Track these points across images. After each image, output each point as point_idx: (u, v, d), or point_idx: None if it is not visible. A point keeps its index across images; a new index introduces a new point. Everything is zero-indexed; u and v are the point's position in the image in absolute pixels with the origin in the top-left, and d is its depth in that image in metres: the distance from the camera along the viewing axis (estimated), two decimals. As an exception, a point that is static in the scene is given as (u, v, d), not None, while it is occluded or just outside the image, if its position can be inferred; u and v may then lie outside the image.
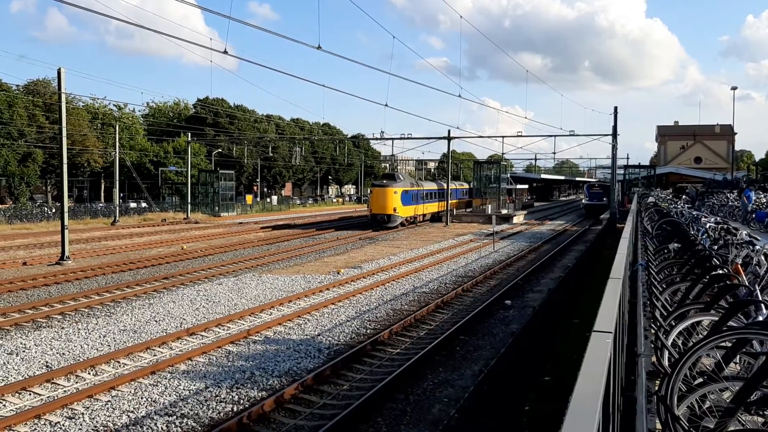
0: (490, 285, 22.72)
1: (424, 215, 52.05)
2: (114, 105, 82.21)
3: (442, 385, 12.06)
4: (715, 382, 4.14)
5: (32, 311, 17.47)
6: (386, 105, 44.08)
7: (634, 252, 12.08)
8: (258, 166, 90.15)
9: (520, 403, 11.03)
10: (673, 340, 5.55)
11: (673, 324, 5.74)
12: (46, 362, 12.96)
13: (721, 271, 7.06)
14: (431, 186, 56.51)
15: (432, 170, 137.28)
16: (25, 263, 26.67)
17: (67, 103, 32.36)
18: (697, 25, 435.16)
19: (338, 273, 24.38)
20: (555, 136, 52.60)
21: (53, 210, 52.43)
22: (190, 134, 63.75)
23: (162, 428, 9.78)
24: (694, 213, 20.52)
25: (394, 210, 44.79)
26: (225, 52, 18.09)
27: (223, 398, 11.12)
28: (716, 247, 10.44)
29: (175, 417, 10.22)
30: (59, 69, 27.11)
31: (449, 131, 53.49)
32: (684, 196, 42.44)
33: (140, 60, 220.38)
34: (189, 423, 10.02)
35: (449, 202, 53.82)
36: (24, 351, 13.64)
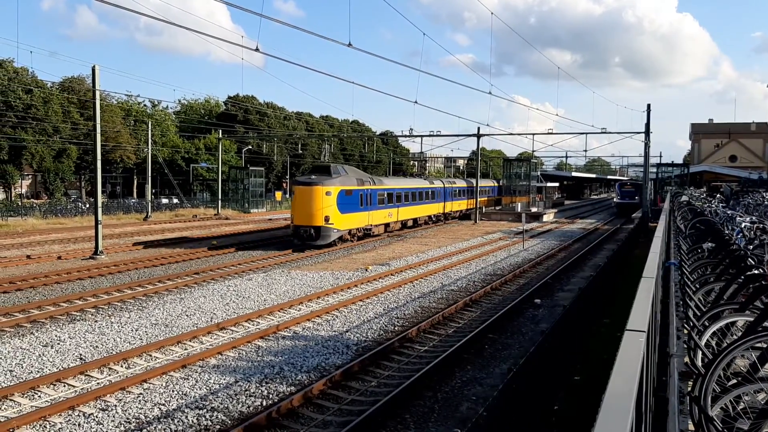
0: (519, 284, 22.58)
1: (405, 221, 41.20)
2: (149, 102, 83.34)
3: (470, 383, 12.02)
4: (750, 383, 4.08)
5: (66, 304, 17.80)
6: (416, 102, 43.99)
7: (666, 251, 11.92)
8: (287, 163, 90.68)
9: (549, 402, 10.96)
10: (707, 340, 5.47)
11: (707, 324, 5.65)
12: (80, 355, 13.20)
13: (756, 272, 6.92)
14: (439, 184, 47.99)
15: (461, 167, 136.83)
16: (59, 257, 27.17)
17: (101, 100, 32.87)
18: (729, 21, 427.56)
19: (366, 270, 24.43)
20: (586, 133, 51.84)
21: (87, 205, 53.36)
22: (221, 131, 64.37)
23: (192, 421, 9.90)
24: (728, 212, 20.13)
25: (326, 220, 30.41)
26: (257, 49, 18.22)
27: (253, 392, 11.22)
28: (751, 246, 10.24)
29: (205, 410, 10.34)
30: (93, 66, 27.53)
31: (479, 128, 53.05)
32: (718, 195, 41.67)
33: (169, 57, 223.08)
34: (219, 417, 10.13)
35: (477, 199, 53.48)
36: (59, 343, 13.91)
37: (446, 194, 48.89)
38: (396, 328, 15.86)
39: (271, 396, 11.10)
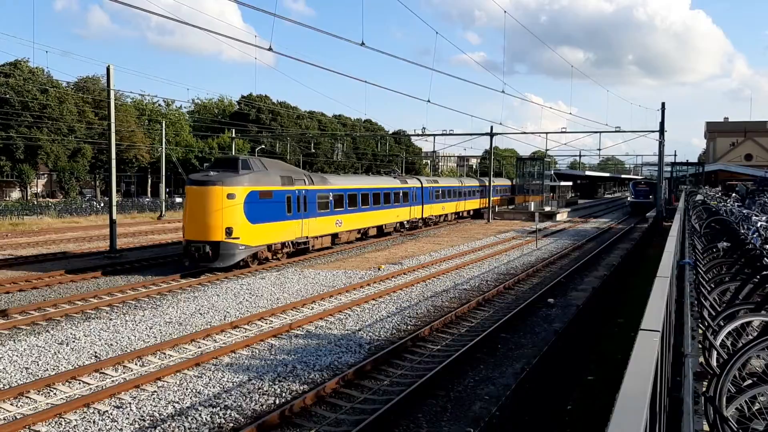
0: (532, 283, 22.51)
1: (364, 230, 33.67)
2: (163, 101, 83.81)
3: (483, 382, 12.00)
4: (766, 383, 4.05)
5: (81, 303, 17.94)
6: (428, 101, 43.82)
7: (681, 251, 11.84)
8: (300, 162, 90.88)
9: (562, 402, 10.92)
10: (722, 340, 5.44)
11: (722, 324, 5.62)
12: (95, 352, 13.30)
13: (772, 271, 6.87)
14: (414, 183, 40.98)
15: (474, 166, 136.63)
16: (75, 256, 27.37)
17: (115, 100, 33.11)
18: (742, 18, 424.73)
19: (379, 269, 24.44)
20: (600, 132, 51.65)
21: (102, 204, 53.74)
22: (234, 130, 64.59)
23: (206, 419, 9.95)
24: (744, 211, 19.98)
25: (228, 233, 22.55)
26: (270, 49, 18.26)
27: (266, 391, 11.26)
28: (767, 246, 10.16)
29: (219, 408, 10.39)
30: (108, 66, 27.71)
31: (491, 127, 52.85)
32: (734, 194, 41.34)
33: (181, 56, 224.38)
34: (232, 414, 10.17)
35: (490, 199, 53.33)
36: (74, 341, 14.02)
37: (425, 195, 42.29)
38: (409, 327, 15.86)
39: (284, 394, 11.14)
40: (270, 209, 24.29)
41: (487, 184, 54.92)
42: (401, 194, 38.31)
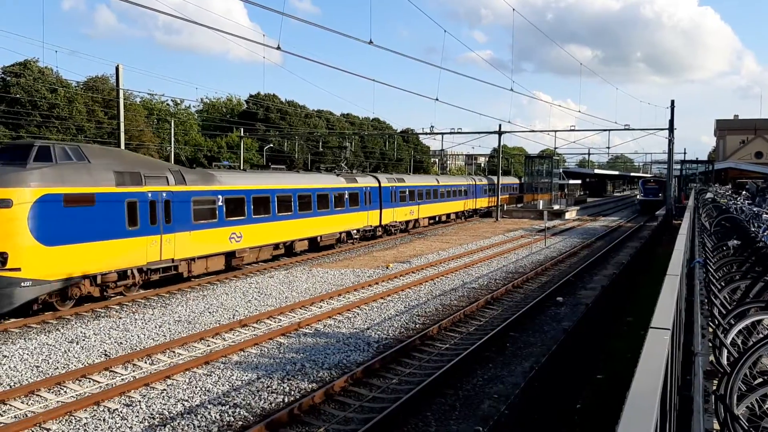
0: (541, 281, 22.46)
1: (290, 244, 26.51)
2: (171, 101, 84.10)
3: (491, 381, 11.99)
4: (777, 382, 4.02)
5: (91, 301, 18.02)
6: (437, 99, 43.74)
7: (691, 249, 11.78)
8: (308, 160, 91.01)
9: (572, 400, 10.89)
10: (733, 338, 5.42)
11: (733, 322, 5.60)
12: (105, 351, 13.37)
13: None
14: (367, 182, 33.89)
15: (482, 165, 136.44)
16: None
17: (124, 99, 33.25)
18: (751, 15, 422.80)
19: (387, 267, 24.44)
20: (609, 130, 51.35)
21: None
22: (242, 129, 64.72)
23: (215, 417, 9.98)
24: (754, 209, 19.87)
25: (1, 260, 15.09)
26: (278, 48, 18.29)
27: (275, 389, 11.28)
28: (778, 244, 10.09)
29: (228, 406, 10.42)
30: (117, 66, 27.85)
31: (500, 126, 52.73)
32: (744, 192, 41.12)
33: (188, 55, 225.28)
34: (241, 413, 10.20)
35: (499, 197, 53.21)
36: (84, 339, 14.09)
37: (385, 197, 35.45)
38: (417, 326, 15.85)
39: (292, 392, 11.16)
40: (91, 221, 16.95)
41: (483, 182, 54.61)
42: (347, 197, 30.95)
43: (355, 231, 32.15)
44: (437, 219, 45.16)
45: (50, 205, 15.83)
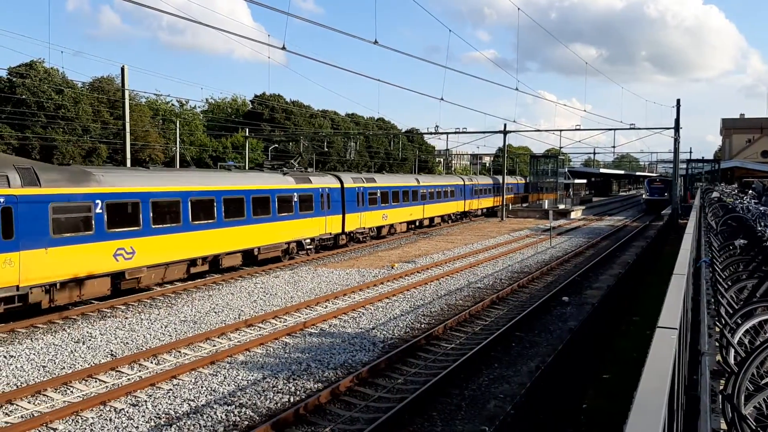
0: (546, 281, 22.42)
1: (193, 261, 20.81)
2: (176, 101, 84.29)
3: (497, 381, 11.98)
4: (785, 382, 4.01)
5: (97, 301, 18.06)
6: (441, 99, 43.66)
7: (697, 248, 11.75)
8: (313, 161, 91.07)
9: (578, 400, 10.87)
10: (740, 338, 5.40)
11: (740, 322, 5.57)
12: (111, 350, 13.39)
13: (790, 269, 6.81)
14: (315, 183, 27.98)
15: (487, 164, 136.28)
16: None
17: (130, 100, 33.36)
18: (756, 13, 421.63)
19: (392, 267, 24.43)
20: (614, 129, 51.16)
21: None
22: (247, 130, 64.81)
23: (221, 417, 9.99)
24: (761, 208, 19.78)
25: None
26: (283, 48, 18.29)
27: (280, 389, 11.29)
28: (785, 244, 10.05)
29: (233, 406, 10.43)
30: (123, 67, 27.94)
31: (505, 125, 52.67)
32: (750, 191, 40.96)
33: (193, 55, 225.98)
34: (247, 412, 10.21)
35: (504, 197, 53.10)
36: (90, 339, 14.13)
37: (350, 200, 30.79)
38: (422, 326, 15.84)
39: (298, 392, 11.17)
40: None
41: (475, 182, 54.30)
42: (296, 200, 26.18)
43: (308, 240, 27.28)
44: (418, 224, 40.46)
45: None
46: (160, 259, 19.36)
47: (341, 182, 30.29)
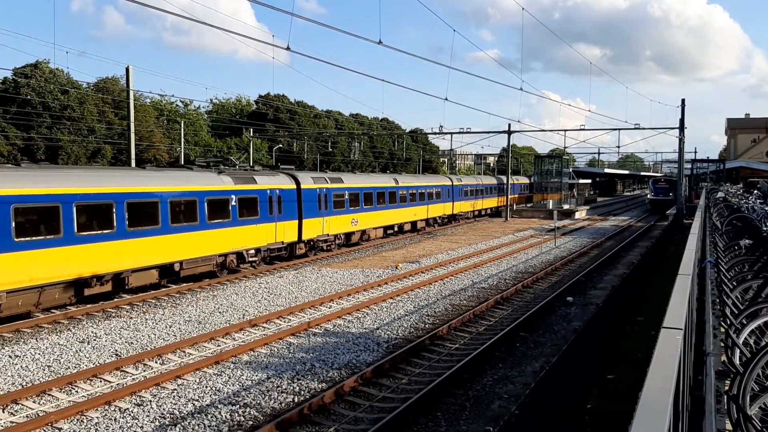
0: (551, 281, 22.39)
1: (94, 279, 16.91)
2: (180, 102, 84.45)
3: (501, 381, 11.96)
4: (791, 382, 4.00)
5: (102, 301, 18.10)
6: (446, 99, 43.33)
7: (702, 248, 11.72)
8: (318, 161, 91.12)
9: (582, 400, 10.85)
10: (745, 338, 5.38)
11: (745, 322, 5.56)
12: (116, 350, 13.42)
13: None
14: (262, 184, 23.78)
15: (491, 164, 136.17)
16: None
17: (134, 100, 33.40)
18: (760, 13, 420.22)
19: (396, 267, 24.43)
20: (619, 129, 51.07)
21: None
22: (252, 130, 64.87)
23: (225, 417, 10.01)
24: (766, 209, 19.73)
25: None
26: (288, 48, 18.32)
27: (285, 389, 11.30)
28: (791, 244, 10.01)
29: (238, 406, 10.45)
30: (127, 67, 27.99)
31: (509, 125, 52.59)
32: (756, 191, 40.82)
33: (197, 56, 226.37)
34: (251, 412, 10.22)
35: (508, 197, 53.03)
36: (95, 339, 14.16)
37: (309, 202, 26.79)
38: (426, 326, 15.84)
39: (302, 392, 11.17)
40: None
41: (464, 182, 54.06)
42: (234, 203, 22.13)
43: (251, 251, 23.26)
44: (397, 229, 36.64)
45: None
46: (30, 281, 15.20)
47: (297, 182, 26.16)
